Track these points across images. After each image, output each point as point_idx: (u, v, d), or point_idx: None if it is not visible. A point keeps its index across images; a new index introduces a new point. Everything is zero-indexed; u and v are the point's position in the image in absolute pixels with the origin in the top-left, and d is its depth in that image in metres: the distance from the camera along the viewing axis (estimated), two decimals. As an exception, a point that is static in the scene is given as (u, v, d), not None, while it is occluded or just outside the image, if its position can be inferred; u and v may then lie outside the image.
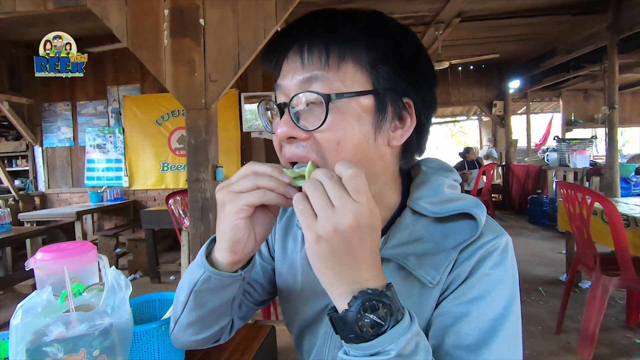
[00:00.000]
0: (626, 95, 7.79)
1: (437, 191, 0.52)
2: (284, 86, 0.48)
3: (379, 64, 0.46)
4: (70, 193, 5.06)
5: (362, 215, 0.37)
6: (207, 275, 0.49)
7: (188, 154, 2.03)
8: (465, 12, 4.24)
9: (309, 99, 0.45)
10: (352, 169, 0.38)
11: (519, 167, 6.77)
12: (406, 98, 0.48)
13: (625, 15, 4.10)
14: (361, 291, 0.38)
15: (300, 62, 0.46)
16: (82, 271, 0.96)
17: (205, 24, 1.94)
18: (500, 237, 0.49)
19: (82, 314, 0.63)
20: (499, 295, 0.47)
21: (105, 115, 4.94)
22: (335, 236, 0.37)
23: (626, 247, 1.88)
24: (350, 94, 0.45)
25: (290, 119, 0.46)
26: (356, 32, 0.46)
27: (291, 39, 0.48)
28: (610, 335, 2.30)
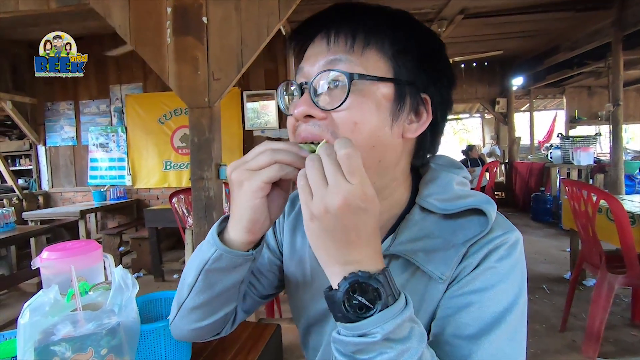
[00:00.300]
0: (630, 92, 7.74)
1: (446, 188, 0.52)
2: (306, 69, 0.49)
3: (402, 55, 0.48)
4: (74, 192, 5.07)
5: (353, 197, 0.37)
6: (219, 253, 0.49)
7: (191, 152, 2.03)
8: (468, 9, 4.22)
9: (333, 81, 0.46)
10: (346, 149, 0.38)
11: (522, 165, 6.74)
12: (424, 94, 0.49)
13: (630, 11, 4.06)
14: (351, 273, 0.39)
15: (326, 45, 0.48)
16: (88, 270, 0.96)
17: (208, 22, 1.93)
18: (510, 233, 0.49)
19: (89, 313, 0.63)
20: (504, 289, 0.46)
21: (108, 114, 4.95)
22: (326, 216, 0.38)
23: (632, 244, 1.86)
24: (372, 78, 0.46)
25: (309, 98, 0.47)
26: (382, 23, 0.48)
27: (319, 25, 0.49)
28: (615, 333, 2.29)
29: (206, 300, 0.53)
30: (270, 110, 4.67)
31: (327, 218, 0.38)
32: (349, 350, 0.39)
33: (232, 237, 0.49)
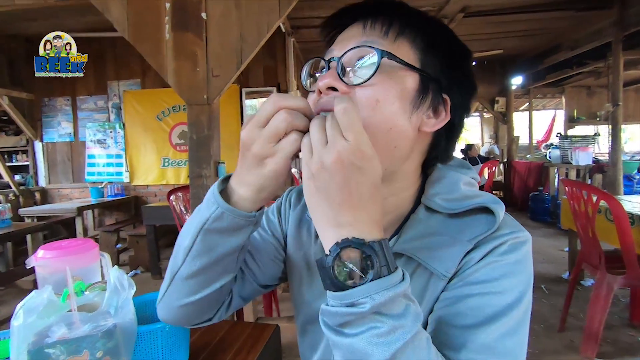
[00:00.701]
0: (630, 92, 7.75)
1: (453, 188, 0.51)
2: (336, 51, 0.50)
3: (431, 50, 0.49)
4: (71, 188, 5.04)
5: (347, 153, 0.36)
6: (220, 211, 0.46)
7: (190, 149, 2.01)
8: (469, 7, 4.20)
9: (363, 58, 0.47)
10: (343, 103, 0.37)
11: (521, 164, 6.74)
12: (445, 94, 0.50)
13: (631, 11, 4.05)
14: (344, 239, 0.38)
15: (362, 30, 0.49)
16: (84, 269, 0.94)
17: (208, 18, 1.91)
18: (518, 232, 0.48)
19: (85, 314, 0.61)
20: (508, 284, 0.45)
21: (106, 110, 4.92)
22: (321, 172, 0.37)
23: (632, 246, 1.86)
24: (401, 62, 0.46)
25: (335, 72, 0.47)
26: (417, 18, 0.50)
27: (356, 13, 0.51)
28: (613, 334, 2.29)
29: (203, 266, 0.50)
30: (267, 104, 4.65)
31: (321, 175, 0.37)
32: (336, 322, 0.37)
33: (236, 199, 0.47)
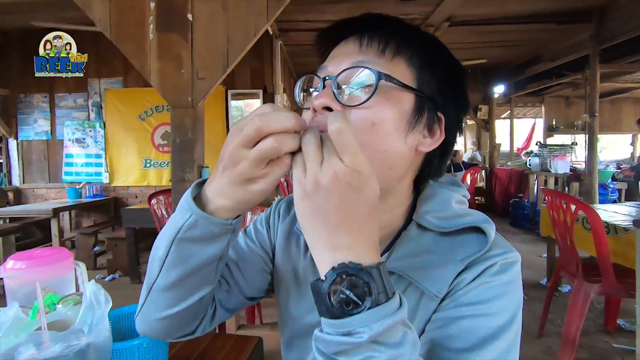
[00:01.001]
0: (605, 104, 8.04)
1: (444, 206, 0.51)
2: (330, 68, 0.49)
3: (428, 69, 0.49)
4: (47, 189, 4.87)
5: (344, 173, 0.35)
6: (194, 219, 0.43)
7: (173, 153, 1.96)
8: (454, 17, 4.28)
9: (360, 79, 0.46)
10: (336, 123, 0.35)
11: (502, 171, 6.90)
12: (440, 113, 0.50)
13: (607, 26, 4.22)
14: (341, 263, 0.36)
15: (359, 47, 0.48)
16: (58, 280, 0.90)
17: (194, 20, 1.87)
18: (509, 253, 0.48)
19: (55, 333, 0.58)
20: (499, 305, 0.45)
21: (86, 108, 4.77)
22: (317, 193, 0.36)
23: (608, 255, 1.91)
24: (399, 83, 0.46)
25: (331, 91, 0.46)
26: (414, 36, 0.49)
27: (353, 28, 0.50)
28: (589, 340, 2.35)
29: (179, 277, 0.47)
30: (255, 109, 4.61)
31: (317, 195, 0.36)
32: (331, 351, 0.35)
33: (213, 208, 0.44)
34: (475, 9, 4.09)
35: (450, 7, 3.95)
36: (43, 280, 0.85)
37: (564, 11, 4.26)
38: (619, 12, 4.05)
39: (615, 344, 2.30)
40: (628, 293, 1.91)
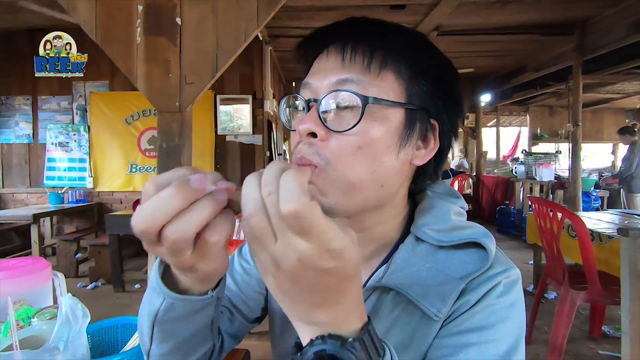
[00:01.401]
0: (587, 113, 8.27)
1: (443, 218, 0.50)
2: (314, 85, 0.45)
3: (418, 79, 0.45)
4: (27, 193, 4.72)
5: (311, 258, 0.28)
6: (168, 302, 0.40)
7: (159, 158, 1.92)
8: (442, 26, 4.35)
9: (345, 102, 0.43)
10: (290, 204, 0.26)
11: (489, 178, 7.00)
12: (433, 120, 0.47)
13: (589, 38, 4.34)
14: (319, 336, 0.31)
15: (341, 62, 0.44)
16: (34, 292, 0.86)
17: (183, 24, 1.84)
18: (510, 270, 0.47)
19: (28, 352, 0.54)
20: (504, 329, 0.44)
21: (70, 111, 4.66)
22: (280, 275, 0.29)
23: (593, 263, 1.94)
24: (387, 102, 0.43)
25: (316, 115, 0.43)
26: (401, 44, 0.45)
27: (334, 37, 0.46)
28: (575, 346, 2.37)
29: (172, 348, 0.46)
30: (243, 114, 4.58)
31: (281, 277, 0.29)
32: None
33: (184, 286, 0.39)
34: (462, 19, 4.16)
35: (439, 17, 4.02)
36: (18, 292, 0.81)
37: (547, 23, 4.37)
38: (599, 26, 4.18)
39: (600, 350, 2.33)
40: (613, 300, 1.94)
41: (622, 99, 7.63)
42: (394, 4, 3.77)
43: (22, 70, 4.61)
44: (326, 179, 0.43)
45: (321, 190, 0.43)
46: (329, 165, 0.42)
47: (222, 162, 4.71)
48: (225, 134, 4.66)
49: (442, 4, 3.68)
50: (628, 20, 3.80)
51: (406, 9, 3.88)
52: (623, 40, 3.91)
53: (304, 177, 0.27)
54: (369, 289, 0.49)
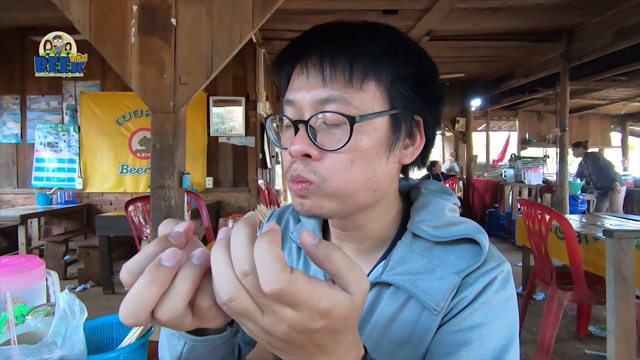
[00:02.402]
0: (574, 119, 8.45)
1: (438, 215, 0.51)
2: (298, 102, 0.45)
3: (399, 82, 0.45)
4: (15, 194, 4.63)
5: (301, 324, 0.27)
6: (190, 345, 0.42)
7: (152, 158, 1.91)
8: (434, 32, 4.42)
9: (332, 121, 0.43)
10: (274, 284, 0.25)
11: (479, 182, 7.10)
12: (417, 116, 0.48)
13: (575, 45, 4.46)
14: None
15: (322, 79, 0.43)
16: (27, 290, 0.85)
17: (177, 24, 1.85)
18: (503, 265, 0.49)
19: (26, 347, 0.54)
20: (501, 324, 0.46)
21: (59, 111, 4.60)
22: (271, 338, 0.29)
23: (580, 264, 1.99)
24: (373, 116, 0.43)
25: (306, 136, 0.43)
26: (379, 49, 0.44)
27: (311, 50, 0.45)
28: (562, 346, 2.42)
29: None
30: (236, 116, 4.58)
31: (273, 341, 0.29)
32: None
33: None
34: (453, 24, 4.23)
35: (430, 22, 4.08)
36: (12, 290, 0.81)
37: (536, 30, 4.48)
38: (586, 33, 4.29)
39: (587, 350, 2.38)
40: (599, 300, 1.99)
41: (607, 105, 7.82)
42: (386, 8, 3.82)
43: (11, 69, 4.54)
44: (322, 194, 0.44)
45: (317, 205, 0.45)
46: (324, 182, 0.44)
47: (214, 164, 4.69)
48: (217, 136, 4.65)
49: (434, 9, 3.74)
50: (613, 29, 3.92)
51: (399, 14, 3.94)
52: (608, 47, 4.02)
53: (277, 245, 0.26)
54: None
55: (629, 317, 1.66)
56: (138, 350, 0.70)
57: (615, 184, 5.20)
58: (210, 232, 2.71)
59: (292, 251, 0.62)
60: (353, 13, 3.86)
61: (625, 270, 1.65)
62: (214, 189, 4.68)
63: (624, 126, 9.22)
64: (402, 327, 0.48)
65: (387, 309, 0.49)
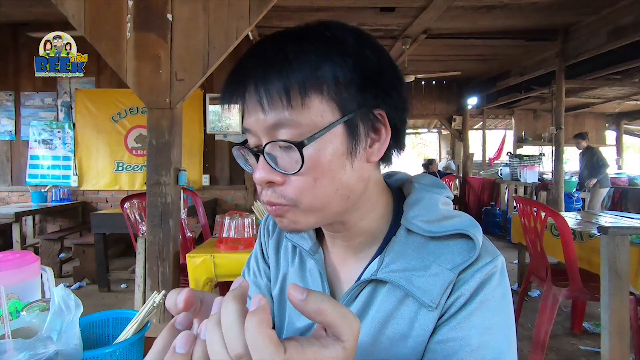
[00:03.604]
0: (569, 117, 8.49)
1: (431, 209, 0.51)
2: (253, 130, 0.45)
3: (343, 88, 0.43)
4: (9, 192, 4.59)
5: None
6: None
7: (148, 155, 1.90)
8: (431, 29, 4.42)
9: (281, 144, 0.43)
10: None
11: (475, 180, 7.12)
12: (377, 110, 0.46)
13: (571, 44, 4.48)
14: None
15: (261, 109, 0.42)
16: (22, 286, 0.85)
17: (173, 20, 1.84)
18: (497, 259, 0.48)
19: (21, 341, 0.54)
20: (500, 322, 0.46)
21: (54, 108, 4.56)
22: None
23: (575, 260, 2.00)
24: (321, 132, 0.42)
25: (266, 163, 0.43)
26: (313, 61, 0.42)
27: (245, 81, 0.44)
28: (557, 342, 2.44)
29: None
30: (233, 114, 4.56)
31: None
32: None
33: None
34: (450, 23, 4.24)
35: (427, 20, 4.08)
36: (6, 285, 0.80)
37: (532, 29, 4.49)
38: (581, 32, 4.31)
39: (581, 346, 2.40)
40: (593, 296, 2.01)
41: (602, 103, 7.87)
42: (383, 6, 3.81)
43: (4, 66, 4.50)
44: (296, 213, 0.45)
45: (294, 221, 0.46)
46: (295, 203, 0.44)
47: (210, 162, 4.68)
48: (214, 133, 4.63)
49: (431, 7, 3.74)
50: (608, 28, 3.94)
51: (395, 12, 3.94)
52: (604, 46, 4.04)
53: (267, 326, 0.27)
54: (363, 282, 0.51)
55: (622, 313, 1.68)
56: (134, 346, 0.69)
57: (590, 180, 5.28)
58: (207, 230, 2.71)
59: (288, 250, 0.62)
60: (350, 10, 3.85)
61: (620, 266, 1.66)
62: (211, 186, 4.67)
63: (619, 125, 9.29)
64: (400, 324, 0.48)
65: (384, 306, 0.49)
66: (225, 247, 1.88)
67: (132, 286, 3.41)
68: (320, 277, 0.56)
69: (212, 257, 1.81)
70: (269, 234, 0.66)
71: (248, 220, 1.93)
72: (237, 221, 1.90)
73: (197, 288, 1.86)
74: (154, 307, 0.69)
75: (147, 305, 0.69)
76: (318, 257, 0.56)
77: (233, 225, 1.90)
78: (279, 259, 0.63)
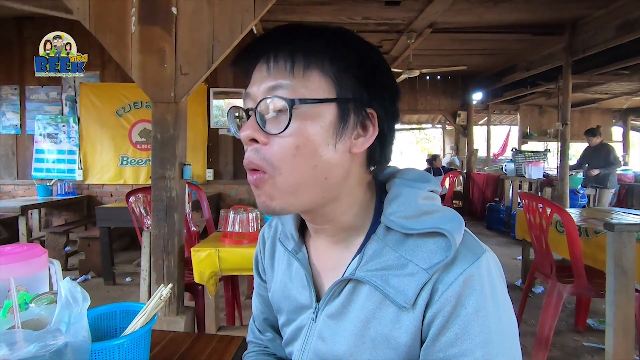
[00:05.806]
0: (575, 113, 8.41)
1: (409, 205, 0.49)
2: (252, 93, 0.49)
3: (343, 73, 0.47)
4: (15, 185, 4.63)
5: None
6: None
7: (153, 149, 1.91)
8: (436, 24, 4.38)
9: (276, 107, 0.46)
10: None
11: (479, 176, 7.09)
12: (369, 108, 0.49)
13: (579, 39, 4.42)
14: None
15: (267, 71, 0.47)
16: (30, 278, 0.85)
17: (178, 13, 1.83)
18: (481, 258, 0.46)
19: (30, 332, 0.54)
20: (500, 328, 0.45)
21: (59, 102, 4.58)
22: None
23: (580, 256, 1.99)
24: (314, 101, 0.45)
25: (255, 122, 0.47)
26: (320, 44, 0.47)
27: (259, 49, 0.49)
28: (561, 339, 2.44)
29: None
30: (237, 109, 4.56)
31: None
32: None
33: None
34: (456, 17, 4.19)
35: (433, 14, 4.04)
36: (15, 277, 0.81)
37: (538, 23, 4.44)
38: (589, 26, 4.25)
39: (585, 342, 2.39)
40: (598, 293, 2.00)
41: (609, 99, 7.78)
42: (388, 0, 3.78)
43: (10, 60, 4.51)
44: (274, 185, 0.47)
45: (270, 195, 0.47)
46: (275, 171, 0.46)
47: (215, 156, 4.68)
48: (218, 128, 4.63)
49: (436, 1, 3.70)
50: (617, 22, 3.88)
51: (401, 5, 3.90)
52: (612, 41, 3.98)
53: None
54: (344, 280, 0.51)
55: (628, 309, 1.67)
56: (142, 338, 0.70)
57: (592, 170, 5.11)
58: (211, 224, 2.72)
59: (280, 252, 0.65)
60: (355, 3, 3.82)
61: (626, 263, 1.65)
62: (215, 181, 4.68)
63: (626, 121, 9.18)
64: (382, 325, 0.47)
65: (366, 305, 0.49)
66: (229, 241, 1.89)
67: (136, 279, 3.44)
68: (305, 276, 0.57)
69: (217, 251, 1.82)
70: (264, 241, 0.69)
71: (252, 215, 1.93)
72: (241, 215, 1.91)
73: (202, 282, 1.87)
74: (161, 299, 0.70)
75: (154, 298, 0.70)
76: (301, 256, 0.58)
77: (238, 219, 1.90)
78: (274, 264, 0.66)
